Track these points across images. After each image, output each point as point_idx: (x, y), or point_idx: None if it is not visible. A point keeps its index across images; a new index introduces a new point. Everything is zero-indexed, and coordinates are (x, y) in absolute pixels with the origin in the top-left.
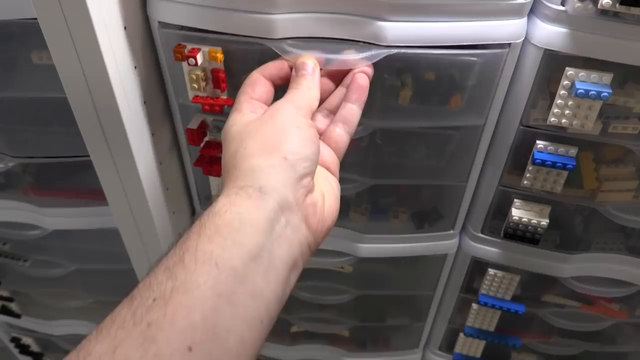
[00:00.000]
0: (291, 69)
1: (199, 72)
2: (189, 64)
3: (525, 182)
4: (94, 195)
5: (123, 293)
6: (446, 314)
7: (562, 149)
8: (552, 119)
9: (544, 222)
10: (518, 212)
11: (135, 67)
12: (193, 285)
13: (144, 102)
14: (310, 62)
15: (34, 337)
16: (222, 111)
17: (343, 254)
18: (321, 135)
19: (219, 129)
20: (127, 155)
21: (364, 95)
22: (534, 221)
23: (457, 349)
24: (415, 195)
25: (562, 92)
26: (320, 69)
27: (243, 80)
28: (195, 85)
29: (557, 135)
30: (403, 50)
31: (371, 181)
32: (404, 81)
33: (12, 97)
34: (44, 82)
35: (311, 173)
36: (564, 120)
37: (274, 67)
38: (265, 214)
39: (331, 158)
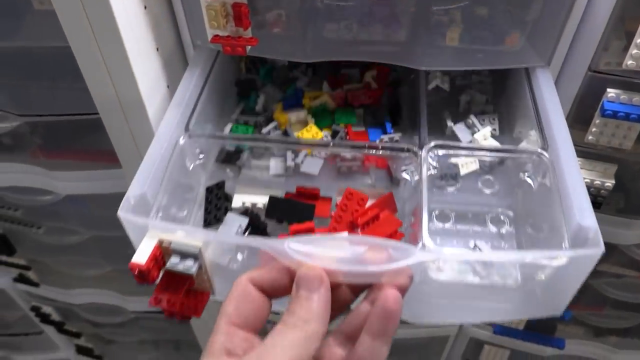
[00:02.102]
0: (292, 278)
1: (218, 7)
2: None
3: (589, 137)
4: (107, 157)
5: None
6: None
7: (637, 98)
8: (630, 61)
9: (609, 183)
10: None
11: (146, 7)
12: None
13: (157, 49)
14: (316, 276)
15: (54, 306)
16: (245, 52)
17: None
18: None
19: (182, 254)
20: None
21: (392, 325)
22: (597, 182)
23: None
24: None
25: None
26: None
27: (269, 18)
28: (215, 23)
29: (632, 82)
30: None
31: None
32: (453, 18)
33: (13, 47)
34: (48, 29)
35: None
36: None
37: (269, 275)
38: None
39: None
